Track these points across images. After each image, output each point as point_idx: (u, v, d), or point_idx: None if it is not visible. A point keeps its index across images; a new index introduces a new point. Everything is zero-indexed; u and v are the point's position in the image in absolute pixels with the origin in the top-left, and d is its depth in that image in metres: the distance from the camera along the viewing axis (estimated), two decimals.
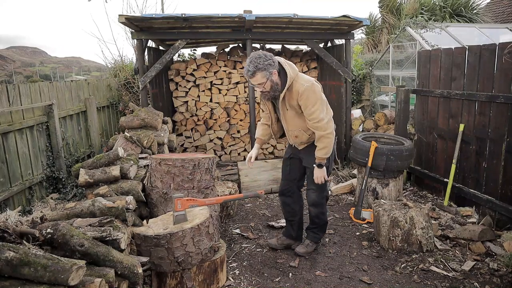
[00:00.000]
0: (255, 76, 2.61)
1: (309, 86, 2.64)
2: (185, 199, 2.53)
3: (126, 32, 7.43)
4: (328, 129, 2.69)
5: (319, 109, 2.67)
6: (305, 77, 2.73)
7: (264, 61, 2.59)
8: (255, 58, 2.59)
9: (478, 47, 3.72)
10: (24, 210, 3.95)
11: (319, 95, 2.69)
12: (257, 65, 2.58)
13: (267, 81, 2.64)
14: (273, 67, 2.63)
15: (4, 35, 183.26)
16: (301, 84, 2.65)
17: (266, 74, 2.61)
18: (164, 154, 3.81)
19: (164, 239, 2.35)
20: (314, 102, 2.65)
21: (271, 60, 2.62)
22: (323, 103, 2.72)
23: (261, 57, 2.60)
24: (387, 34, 10.65)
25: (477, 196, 3.76)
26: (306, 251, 3.16)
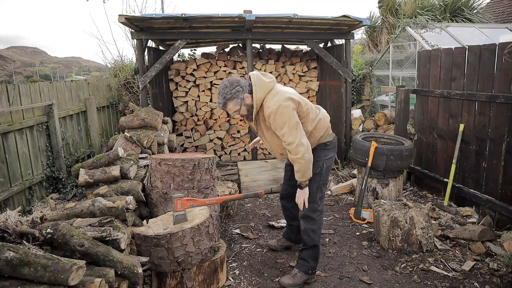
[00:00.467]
0: (227, 107, 2.57)
1: (274, 109, 2.45)
2: (185, 199, 2.53)
3: (126, 32, 7.44)
4: (298, 154, 2.48)
5: (287, 133, 2.48)
6: (274, 98, 2.51)
7: (231, 90, 2.52)
8: (222, 89, 2.54)
9: (478, 47, 3.72)
10: (24, 210, 3.95)
11: (286, 117, 2.46)
12: (225, 96, 2.53)
13: (241, 107, 2.58)
14: (243, 92, 2.54)
15: (4, 35, 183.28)
16: (267, 107, 2.50)
17: (237, 101, 2.55)
18: (164, 154, 3.81)
19: (164, 239, 2.35)
20: (282, 125, 2.47)
21: (238, 86, 2.53)
22: (292, 125, 2.47)
23: (227, 86, 2.53)
24: (387, 34, 10.66)
25: (477, 196, 3.76)
26: (293, 283, 2.72)
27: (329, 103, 6.22)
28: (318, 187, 2.74)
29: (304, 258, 2.80)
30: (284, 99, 2.50)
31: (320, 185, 2.75)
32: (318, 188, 2.74)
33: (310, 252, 2.79)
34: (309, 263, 2.79)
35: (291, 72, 6.51)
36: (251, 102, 2.58)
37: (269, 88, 2.56)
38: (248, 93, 2.56)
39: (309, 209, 2.72)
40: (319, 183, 2.74)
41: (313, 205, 2.74)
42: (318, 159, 2.69)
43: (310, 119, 2.65)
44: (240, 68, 6.40)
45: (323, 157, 2.74)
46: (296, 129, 2.48)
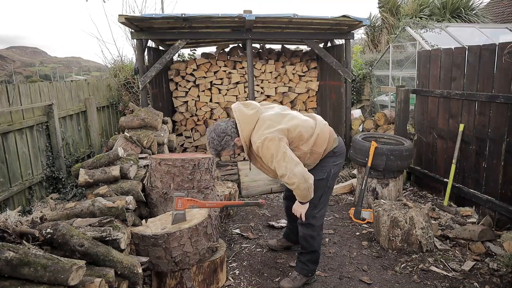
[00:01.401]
0: (221, 155, 2.57)
1: (260, 143, 2.37)
2: (186, 199, 2.52)
3: (125, 32, 7.44)
4: (293, 184, 2.36)
5: (277, 166, 2.36)
6: (259, 130, 2.43)
7: (220, 142, 2.49)
8: (211, 142, 2.52)
9: (478, 47, 3.72)
10: (24, 210, 3.95)
11: (273, 150, 2.35)
12: (216, 148, 2.52)
13: (235, 150, 2.57)
14: (231, 139, 2.51)
15: (4, 35, 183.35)
16: (254, 142, 2.44)
17: (229, 149, 2.53)
18: (164, 154, 3.81)
19: (161, 239, 2.34)
20: (270, 159, 2.38)
21: (226, 135, 2.49)
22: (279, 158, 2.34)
23: (215, 139, 2.50)
24: (387, 34, 10.66)
25: (477, 196, 3.76)
26: (293, 286, 2.70)
27: (329, 103, 6.22)
28: (323, 193, 2.65)
29: (303, 262, 2.76)
30: (270, 130, 2.40)
31: (325, 191, 2.65)
32: (323, 194, 2.65)
33: (309, 256, 2.75)
34: (308, 266, 2.76)
35: (291, 72, 6.51)
36: (241, 143, 2.53)
37: (253, 122, 2.48)
38: (237, 136, 2.52)
39: (308, 215, 2.61)
40: (324, 189, 2.64)
41: (313, 211, 2.64)
42: (326, 164, 2.61)
43: (305, 139, 2.52)
44: (240, 68, 6.40)
45: (331, 163, 2.64)
46: (285, 161, 2.34)
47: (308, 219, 2.63)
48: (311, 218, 2.64)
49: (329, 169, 2.63)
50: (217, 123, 2.58)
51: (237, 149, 2.57)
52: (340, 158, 2.71)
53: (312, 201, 2.56)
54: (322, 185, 2.61)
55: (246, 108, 2.53)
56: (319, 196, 2.62)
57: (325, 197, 2.68)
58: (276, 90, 6.57)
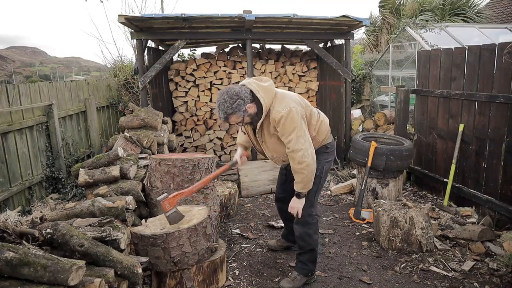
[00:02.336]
0: (229, 120, 2.43)
1: (285, 113, 2.35)
2: (171, 197, 2.47)
3: (125, 32, 7.43)
4: (302, 163, 2.37)
5: (294, 139, 2.36)
6: (283, 102, 2.42)
7: (231, 104, 2.35)
8: (222, 104, 2.37)
9: (478, 47, 3.72)
10: (24, 210, 3.94)
11: (296, 122, 2.37)
12: (225, 111, 2.37)
13: (244, 118, 2.44)
14: (244, 103, 2.38)
15: (4, 35, 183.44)
16: (277, 111, 2.38)
17: (239, 114, 2.40)
18: (164, 154, 3.81)
19: (160, 239, 2.34)
20: (291, 131, 2.36)
21: (239, 99, 2.36)
22: (300, 132, 2.38)
23: (227, 101, 2.36)
24: (387, 34, 10.66)
25: (476, 196, 3.76)
26: (293, 287, 2.70)
27: (329, 103, 6.22)
28: (317, 190, 2.67)
29: (303, 261, 2.76)
30: (294, 103, 2.42)
31: (318, 188, 2.68)
32: (317, 191, 2.68)
33: (308, 256, 2.75)
34: (308, 266, 2.76)
35: (291, 72, 6.51)
36: (255, 111, 2.44)
37: (273, 92, 2.46)
38: (250, 102, 2.41)
39: (305, 212, 2.62)
40: (318, 186, 2.66)
41: (310, 209, 2.66)
42: (319, 161, 2.59)
43: (312, 124, 2.57)
44: (240, 68, 6.40)
45: (323, 160, 2.66)
46: (304, 137, 2.39)
47: (305, 217, 2.64)
48: (307, 216, 2.65)
49: (322, 166, 2.64)
50: (230, 86, 2.45)
51: (246, 116, 2.43)
52: (331, 155, 2.75)
53: (308, 198, 2.60)
54: (316, 182, 2.61)
55: (260, 81, 2.49)
56: (313, 194, 2.65)
57: (318, 195, 2.72)
58: None
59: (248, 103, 2.41)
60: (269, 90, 2.44)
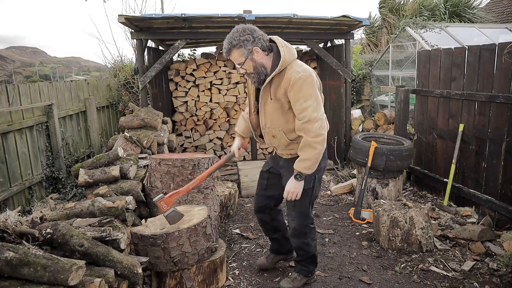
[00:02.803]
0: (231, 55, 2.17)
1: (305, 75, 2.10)
2: (167, 197, 2.41)
3: (125, 32, 7.44)
4: (319, 136, 2.10)
5: (313, 106, 2.09)
6: (304, 66, 2.18)
7: (240, 36, 2.10)
8: (231, 33, 2.14)
9: (478, 47, 3.72)
10: (24, 210, 3.95)
11: (314, 90, 2.13)
12: (231, 41, 2.12)
13: (246, 61, 2.16)
14: (253, 43, 2.12)
15: (4, 35, 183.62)
16: (296, 71, 2.12)
17: (243, 52, 2.13)
18: (164, 154, 3.81)
19: (160, 238, 2.34)
20: (308, 97, 2.10)
21: (250, 35, 2.12)
22: (318, 102, 2.14)
23: (238, 31, 2.12)
24: (387, 34, 10.66)
25: (476, 196, 3.76)
26: (292, 287, 2.63)
27: (329, 103, 6.22)
28: (310, 202, 2.46)
29: (302, 264, 2.68)
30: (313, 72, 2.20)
31: (312, 199, 2.46)
32: (310, 202, 2.47)
33: (308, 260, 2.66)
34: (308, 267, 2.69)
35: None
36: (263, 60, 2.18)
37: (295, 56, 2.24)
38: (260, 48, 2.16)
39: (301, 225, 2.47)
40: (311, 197, 2.44)
41: (305, 220, 2.48)
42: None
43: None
44: None
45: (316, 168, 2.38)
46: (320, 108, 2.13)
47: (302, 228, 2.49)
48: (304, 227, 2.49)
49: (314, 176, 2.37)
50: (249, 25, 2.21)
51: (249, 60, 2.17)
52: (324, 161, 2.42)
53: (301, 211, 2.44)
54: (309, 193, 2.40)
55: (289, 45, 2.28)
56: (307, 205, 2.45)
57: (312, 206, 2.53)
58: None
59: (258, 47, 2.15)
60: (293, 52, 2.23)
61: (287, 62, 2.16)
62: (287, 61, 2.16)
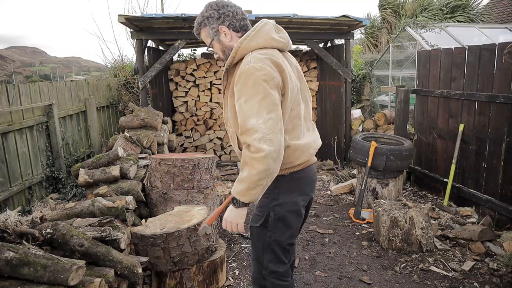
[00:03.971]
0: (200, 35, 1.79)
1: (252, 67, 1.51)
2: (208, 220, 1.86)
3: (127, 32, 7.44)
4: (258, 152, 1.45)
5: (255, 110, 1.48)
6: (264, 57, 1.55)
7: (205, 11, 1.71)
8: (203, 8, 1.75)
9: (478, 47, 3.72)
10: (24, 210, 3.95)
11: (264, 88, 1.49)
12: (197, 19, 1.75)
13: (212, 42, 1.74)
14: (217, 20, 1.69)
15: (4, 35, 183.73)
16: (247, 61, 1.55)
17: (208, 32, 1.72)
18: (164, 154, 3.81)
19: (160, 238, 2.34)
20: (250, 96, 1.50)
21: (215, 11, 1.69)
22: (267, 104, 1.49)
23: (206, 6, 1.73)
24: (387, 34, 10.66)
25: (476, 196, 3.76)
26: None
27: (329, 103, 6.22)
28: (266, 246, 1.75)
29: None
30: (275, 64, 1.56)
31: (268, 243, 1.74)
32: (266, 248, 1.75)
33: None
34: None
35: None
36: (230, 42, 1.72)
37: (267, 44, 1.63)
38: (229, 28, 1.70)
39: (257, 274, 1.84)
40: (266, 241, 1.74)
41: (260, 269, 1.80)
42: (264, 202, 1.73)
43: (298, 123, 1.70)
44: None
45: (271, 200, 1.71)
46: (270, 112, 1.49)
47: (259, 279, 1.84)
48: (260, 279, 1.83)
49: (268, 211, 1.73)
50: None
51: (216, 42, 1.74)
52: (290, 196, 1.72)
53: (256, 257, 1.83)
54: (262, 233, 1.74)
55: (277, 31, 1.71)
56: (261, 250, 1.78)
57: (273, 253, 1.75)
58: None
59: (225, 27, 1.70)
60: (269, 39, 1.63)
61: (244, 50, 1.60)
62: (244, 48, 1.60)
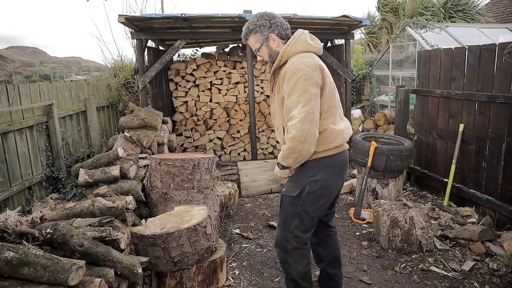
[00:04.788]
0: (248, 39, 2.16)
1: (297, 68, 1.93)
2: None
3: (126, 32, 7.44)
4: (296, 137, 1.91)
5: (295, 103, 1.92)
6: (305, 59, 1.99)
7: (257, 20, 2.09)
8: (250, 19, 2.14)
9: (478, 47, 3.72)
10: (24, 210, 3.95)
11: (303, 85, 1.91)
12: (248, 26, 2.13)
13: (261, 47, 2.13)
14: (269, 29, 2.09)
15: (4, 35, 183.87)
16: (291, 63, 1.99)
17: (259, 37, 2.11)
18: (164, 154, 3.81)
19: (160, 238, 2.34)
20: (292, 92, 1.94)
21: (267, 20, 2.09)
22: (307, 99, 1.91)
23: (257, 16, 2.13)
24: (387, 34, 10.66)
25: (477, 196, 3.76)
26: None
27: None
28: (296, 213, 2.12)
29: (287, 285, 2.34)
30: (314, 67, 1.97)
31: (298, 211, 2.12)
32: (295, 215, 2.13)
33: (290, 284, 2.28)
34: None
35: None
36: (277, 48, 2.12)
37: (307, 48, 2.07)
38: (277, 35, 2.11)
39: (281, 236, 2.20)
40: (297, 208, 2.12)
41: (285, 233, 2.17)
42: (302, 177, 2.12)
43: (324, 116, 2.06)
44: (240, 68, 6.39)
45: (309, 176, 2.10)
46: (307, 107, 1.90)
47: (282, 241, 2.20)
48: (284, 241, 2.18)
49: (304, 185, 2.10)
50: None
51: (265, 47, 2.13)
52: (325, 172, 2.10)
53: (284, 221, 2.18)
54: (295, 202, 2.12)
55: (311, 39, 2.13)
56: (291, 216, 2.14)
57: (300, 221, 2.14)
58: None
59: (274, 34, 2.10)
60: (304, 45, 2.06)
61: (288, 54, 2.05)
62: (288, 53, 2.04)
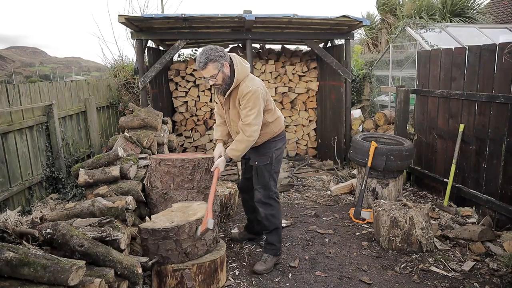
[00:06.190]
0: (206, 68, 2.62)
1: (253, 90, 2.67)
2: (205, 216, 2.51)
3: (127, 32, 7.44)
4: (251, 136, 2.72)
5: (253, 115, 2.68)
6: (254, 81, 2.76)
7: (215, 52, 2.62)
8: (206, 50, 2.62)
9: (478, 47, 3.72)
10: (24, 210, 3.94)
11: (258, 102, 2.70)
12: (208, 57, 2.60)
13: (218, 73, 2.65)
14: (224, 59, 2.66)
15: (4, 35, 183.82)
16: (247, 86, 2.70)
17: (217, 65, 2.62)
18: (164, 154, 3.81)
19: (172, 231, 2.43)
20: (253, 107, 2.68)
21: (221, 52, 2.66)
22: (259, 112, 2.72)
23: (212, 49, 2.63)
24: (387, 34, 10.66)
25: (477, 196, 3.76)
26: (266, 268, 2.92)
27: (329, 103, 6.22)
28: (270, 176, 2.95)
29: (271, 242, 3.01)
30: (261, 86, 2.78)
31: (271, 173, 2.96)
32: (270, 176, 2.95)
33: (274, 235, 3.01)
34: (275, 245, 3.01)
35: (291, 72, 6.51)
36: (228, 74, 2.70)
37: (247, 73, 2.79)
38: (227, 62, 2.68)
39: (265, 196, 2.94)
40: (271, 172, 2.95)
41: (268, 192, 2.95)
42: (268, 150, 2.92)
43: (270, 111, 2.89)
44: None
45: (272, 148, 2.94)
46: (257, 118, 2.71)
47: (266, 199, 2.95)
48: (268, 198, 2.96)
49: (272, 154, 2.94)
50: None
51: (221, 73, 2.66)
52: (280, 142, 3.01)
53: (263, 183, 2.94)
54: (268, 168, 2.93)
55: (243, 62, 2.80)
56: (268, 179, 2.94)
57: (273, 180, 2.99)
58: (276, 90, 6.57)
59: (227, 62, 2.68)
60: (246, 70, 2.77)
61: (240, 80, 2.72)
62: (240, 79, 2.72)
